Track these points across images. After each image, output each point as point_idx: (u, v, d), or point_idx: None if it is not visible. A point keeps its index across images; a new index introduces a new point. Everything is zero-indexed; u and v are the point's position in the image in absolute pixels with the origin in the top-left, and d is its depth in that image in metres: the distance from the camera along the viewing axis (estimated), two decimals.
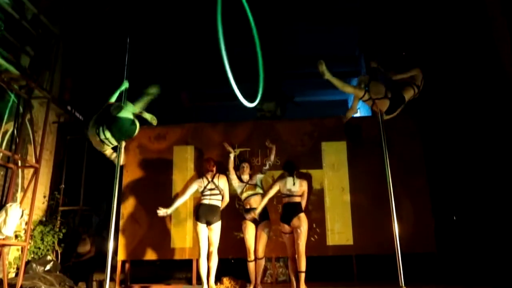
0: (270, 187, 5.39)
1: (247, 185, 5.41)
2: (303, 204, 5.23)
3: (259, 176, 5.50)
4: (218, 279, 5.49)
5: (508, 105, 5.56)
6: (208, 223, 5.11)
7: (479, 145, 5.88)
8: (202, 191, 5.27)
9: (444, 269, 5.68)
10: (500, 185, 5.46)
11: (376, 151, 5.46)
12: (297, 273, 4.99)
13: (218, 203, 5.25)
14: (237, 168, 5.59)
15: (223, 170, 5.62)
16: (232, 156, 5.60)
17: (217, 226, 5.14)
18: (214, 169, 5.44)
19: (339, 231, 5.88)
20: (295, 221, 5.01)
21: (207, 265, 5.04)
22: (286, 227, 5.10)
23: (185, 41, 8.89)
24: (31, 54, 6.34)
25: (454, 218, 6.30)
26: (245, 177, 5.48)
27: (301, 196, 5.20)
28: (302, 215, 5.05)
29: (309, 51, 8.25)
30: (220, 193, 5.28)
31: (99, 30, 7.89)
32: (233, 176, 5.51)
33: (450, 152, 6.24)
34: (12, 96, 6.10)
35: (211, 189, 5.25)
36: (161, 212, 5.21)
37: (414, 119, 6.23)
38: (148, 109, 5.34)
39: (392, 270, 4.68)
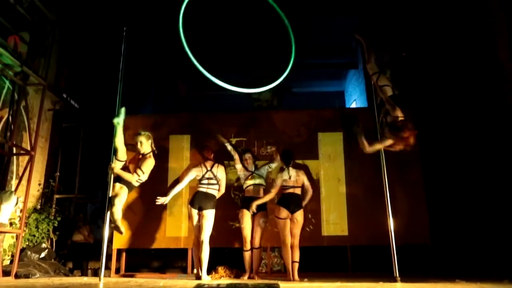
0: (272, 184, 5.43)
1: (253, 174, 5.44)
2: (309, 195, 5.32)
3: (265, 168, 5.56)
4: (213, 268, 5.49)
5: (503, 98, 5.57)
6: (200, 209, 5.08)
7: (475, 138, 5.88)
8: (200, 179, 5.25)
9: (438, 261, 5.71)
10: (495, 178, 5.47)
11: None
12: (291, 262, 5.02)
13: (215, 192, 5.24)
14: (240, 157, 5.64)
15: (220, 159, 5.62)
16: (228, 146, 5.61)
17: (209, 213, 5.07)
18: (212, 157, 5.43)
19: (334, 222, 5.89)
20: (297, 215, 5.08)
21: (198, 256, 5.00)
22: (285, 213, 5.07)
23: (182, 29, 8.82)
24: (26, 41, 6.26)
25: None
26: (250, 167, 5.51)
27: (301, 187, 5.23)
28: (302, 211, 5.13)
29: (306, 42, 8.20)
30: (217, 183, 5.26)
31: (96, 17, 7.81)
32: (238, 165, 5.57)
33: (446, 144, 6.24)
34: (7, 82, 6.05)
35: (209, 178, 5.23)
36: (160, 200, 5.23)
37: (410, 110, 6.18)
38: (144, 98, 5.30)
39: (387, 261, 4.72)
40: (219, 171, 5.32)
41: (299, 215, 5.09)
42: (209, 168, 5.29)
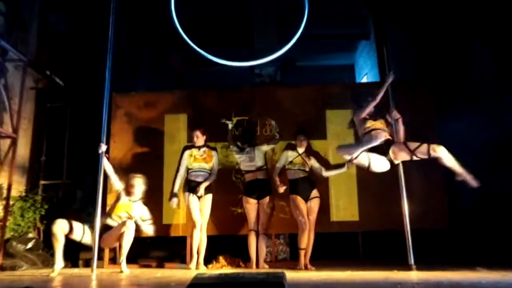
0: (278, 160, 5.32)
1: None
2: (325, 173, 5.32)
3: (261, 148, 5.40)
4: (213, 257, 5.33)
5: None
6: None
7: (496, 115, 5.47)
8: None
9: (456, 248, 5.47)
10: None
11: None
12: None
13: (206, 176, 5.17)
14: (235, 139, 5.47)
15: (216, 138, 5.51)
16: (230, 127, 5.42)
17: (209, 197, 5.12)
18: (202, 141, 5.24)
19: (344, 207, 5.61)
20: (314, 194, 5.03)
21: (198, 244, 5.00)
22: (302, 203, 4.96)
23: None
24: (2, 11, 5.88)
25: None
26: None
27: (308, 171, 5.13)
28: (316, 191, 5.08)
29: (312, 11, 7.70)
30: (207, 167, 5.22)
31: None
32: (233, 148, 5.41)
33: (466, 122, 5.85)
34: None
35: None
36: (174, 204, 5.23)
37: (427, 86, 5.85)
38: (136, 74, 5.02)
39: (401, 248, 4.55)
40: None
41: (317, 192, 5.06)
42: (199, 155, 5.22)
